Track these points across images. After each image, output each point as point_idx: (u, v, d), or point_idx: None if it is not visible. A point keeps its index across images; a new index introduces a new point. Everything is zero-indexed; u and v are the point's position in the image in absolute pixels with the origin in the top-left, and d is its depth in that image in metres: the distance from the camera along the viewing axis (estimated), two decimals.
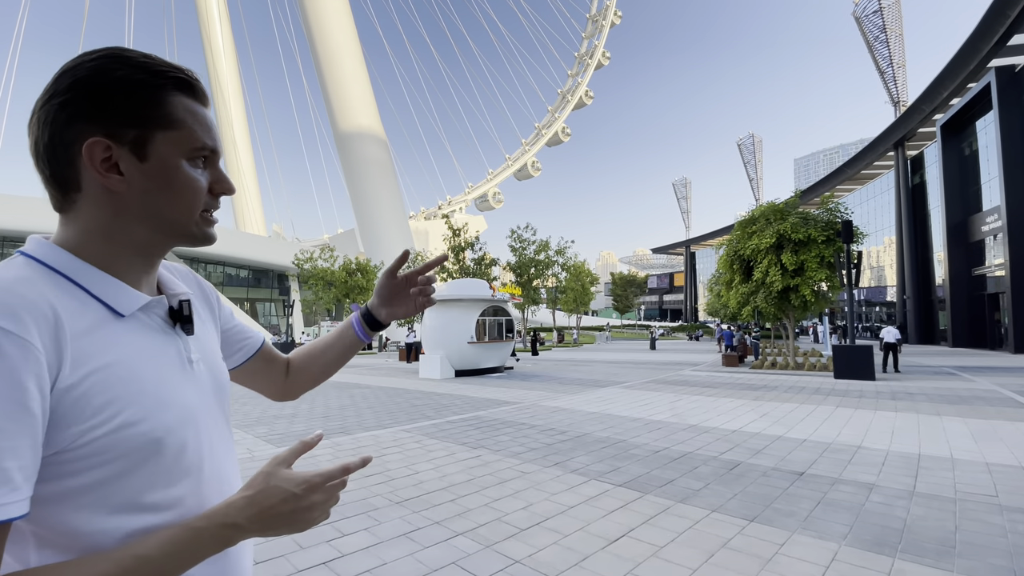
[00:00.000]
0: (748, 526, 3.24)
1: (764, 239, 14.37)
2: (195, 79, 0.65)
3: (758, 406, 8.15)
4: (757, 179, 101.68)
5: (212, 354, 0.72)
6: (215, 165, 0.66)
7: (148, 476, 0.57)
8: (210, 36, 62.81)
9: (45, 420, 0.50)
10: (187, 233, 0.65)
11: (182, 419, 0.60)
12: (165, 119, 0.61)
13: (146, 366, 0.59)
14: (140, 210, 0.60)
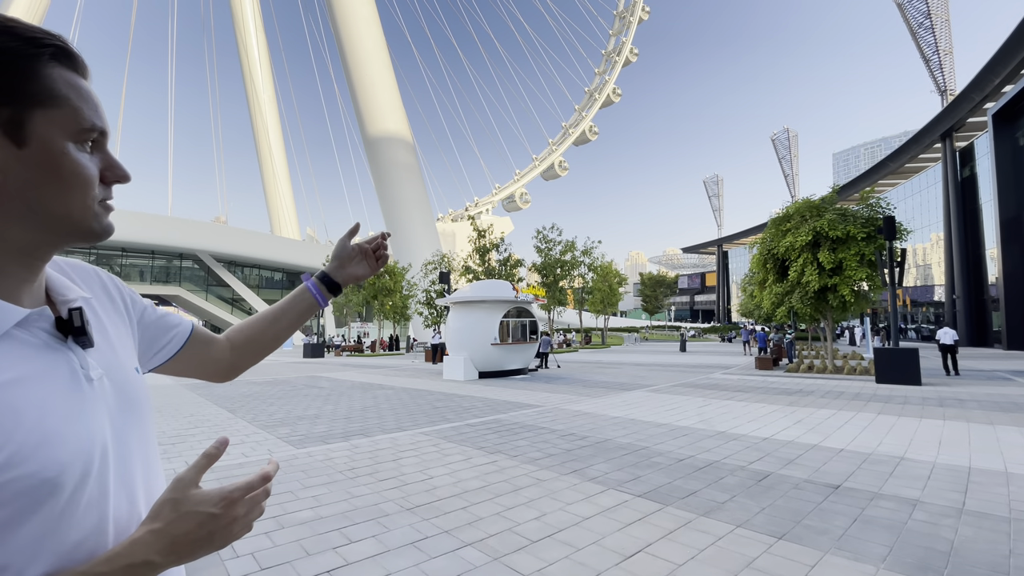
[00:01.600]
0: (776, 544, 3.02)
1: (799, 237, 13.78)
2: (74, 48, 0.55)
3: (792, 412, 7.77)
4: (792, 175, 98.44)
5: (120, 366, 0.62)
6: (104, 149, 0.57)
7: (42, 523, 0.48)
8: (247, 47, 65.00)
9: None
10: (84, 229, 0.55)
11: (81, 451, 0.51)
12: (45, 95, 0.51)
13: (28, 394, 0.49)
14: (21, 206, 0.50)
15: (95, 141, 0.56)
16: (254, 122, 68.68)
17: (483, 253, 30.04)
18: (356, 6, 44.18)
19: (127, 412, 0.60)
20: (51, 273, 0.61)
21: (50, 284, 0.60)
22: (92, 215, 0.55)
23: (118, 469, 0.56)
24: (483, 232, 30.11)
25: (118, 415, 0.58)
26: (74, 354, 0.56)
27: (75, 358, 0.56)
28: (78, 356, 0.56)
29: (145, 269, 46.17)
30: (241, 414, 8.39)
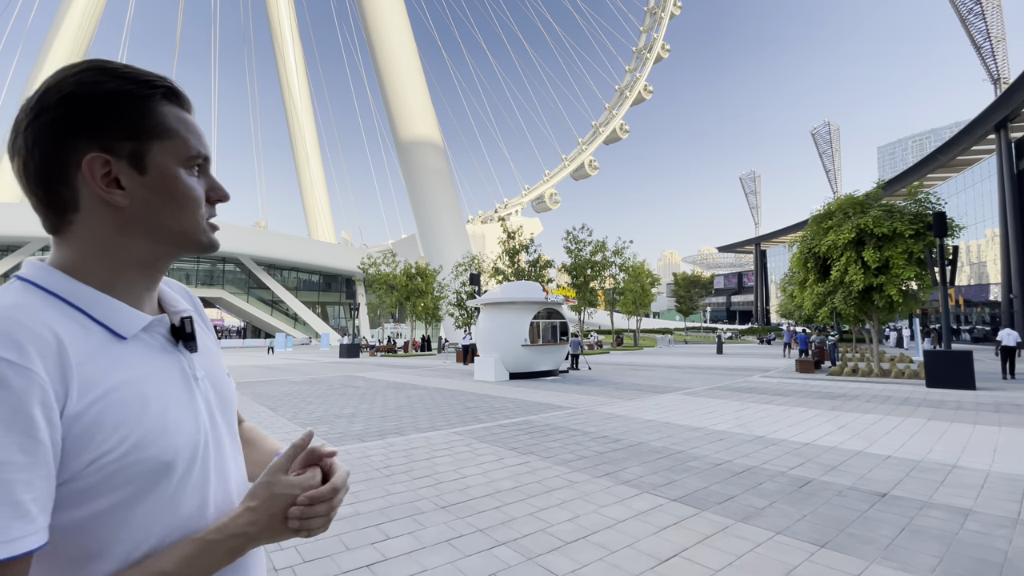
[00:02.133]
0: (818, 552, 2.93)
1: (842, 235, 13.25)
2: (179, 87, 0.64)
3: (835, 417, 7.49)
4: (834, 170, 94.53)
5: (216, 370, 0.71)
6: (208, 172, 0.66)
7: (158, 498, 0.56)
8: (284, 58, 67.28)
9: (56, 450, 0.49)
10: (195, 242, 0.64)
11: (189, 441, 0.59)
12: (159, 129, 0.60)
13: (152, 388, 0.57)
14: (144, 223, 0.60)
15: (200, 166, 0.65)
16: (291, 130, 70.99)
17: (513, 254, 30.12)
18: (388, 15, 45.12)
19: (221, 410, 0.68)
20: (162, 287, 0.70)
21: (162, 296, 0.69)
22: (201, 230, 0.64)
23: (216, 458, 0.64)
24: (512, 234, 30.19)
25: (216, 411, 0.66)
26: (184, 357, 0.65)
27: (185, 360, 0.64)
28: (187, 359, 0.65)
29: (191, 272, 48.33)
30: (282, 412, 8.70)
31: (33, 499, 0.47)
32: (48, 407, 0.48)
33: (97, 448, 0.51)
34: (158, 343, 0.62)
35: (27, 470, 0.46)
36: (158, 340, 0.62)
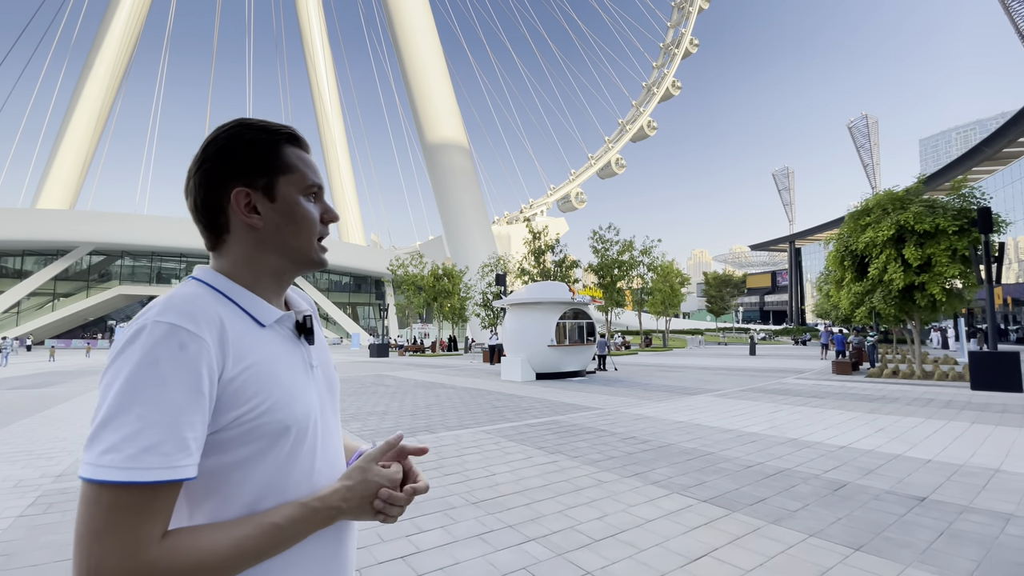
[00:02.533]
0: (852, 555, 2.89)
1: (881, 232, 12.79)
2: (294, 132, 0.82)
3: (873, 420, 7.27)
4: (872, 165, 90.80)
5: (328, 362, 0.87)
6: (322, 198, 0.82)
7: (276, 457, 0.70)
8: (314, 63, 69.00)
9: (212, 404, 0.64)
10: (309, 259, 0.80)
11: (305, 413, 0.73)
12: (284, 166, 0.78)
13: (281, 367, 0.73)
14: (273, 242, 0.77)
15: (315, 193, 0.81)
16: (322, 134, 72.78)
17: (538, 255, 30.13)
18: (414, 19, 45.79)
19: (330, 395, 0.84)
20: (289, 292, 0.87)
21: (289, 299, 0.86)
22: (314, 249, 0.80)
23: (323, 435, 0.77)
24: (538, 234, 30.21)
25: (324, 396, 0.81)
26: (304, 347, 0.80)
27: (304, 350, 0.80)
28: (306, 349, 0.80)
29: None
30: None
31: (193, 438, 0.61)
32: (211, 369, 0.63)
33: (240, 407, 0.66)
34: (286, 334, 0.78)
35: (191, 414, 0.60)
36: (286, 331, 0.78)
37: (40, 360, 27.27)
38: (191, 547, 0.60)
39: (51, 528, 3.48)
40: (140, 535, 0.57)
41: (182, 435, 0.59)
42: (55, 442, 6.34)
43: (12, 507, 3.91)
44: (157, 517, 0.59)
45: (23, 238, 39.36)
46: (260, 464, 0.68)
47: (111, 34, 54.46)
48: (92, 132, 55.41)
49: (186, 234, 43.98)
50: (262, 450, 0.68)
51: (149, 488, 0.57)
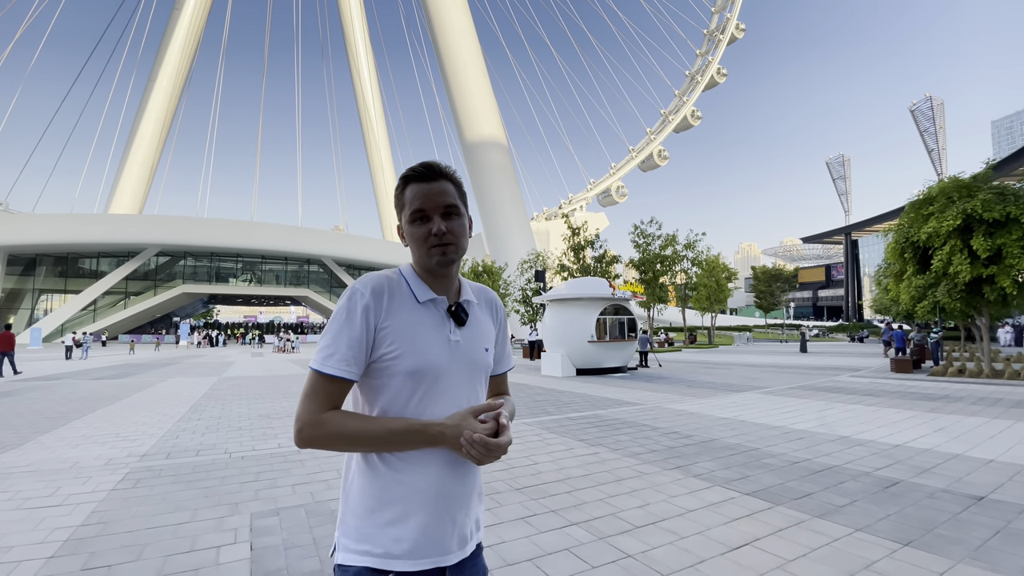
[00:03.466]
0: (900, 550, 2.86)
1: (945, 221, 12.04)
2: (418, 171, 1.08)
3: (933, 419, 6.93)
4: (938, 150, 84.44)
5: (476, 342, 1.12)
6: (432, 218, 1.06)
7: (406, 389, 1.02)
8: (357, 67, 70.96)
9: (370, 338, 1.01)
10: (427, 265, 1.08)
11: (430, 366, 1.02)
12: (401, 204, 1.09)
13: (420, 331, 1.04)
14: (414, 254, 1.09)
15: (421, 218, 1.06)
16: (365, 135, 74.83)
17: (577, 251, 29.95)
18: (453, 20, 46.31)
19: (468, 367, 1.09)
20: (466, 285, 1.17)
21: (464, 290, 1.16)
22: (426, 257, 1.07)
23: (447, 389, 1.05)
24: (577, 230, 30.03)
25: (462, 365, 1.08)
26: (449, 324, 1.09)
27: (448, 326, 1.08)
28: (450, 326, 1.09)
29: (280, 273, 52.50)
30: None
31: (352, 356, 0.99)
32: (367, 316, 1.01)
33: (384, 348, 1.01)
34: (438, 312, 1.08)
35: (352, 340, 0.99)
36: (439, 310, 1.08)
37: (116, 353, 29.59)
38: (339, 420, 0.98)
39: (140, 500, 3.89)
40: (318, 403, 0.98)
41: (343, 352, 0.99)
42: (137, 426, 6.98)
43: (106, 482, 4.38)
44: (327, 395, 0.98)
45: (99, 241, 42.66)
46: (398, 391, 1.02)
47: (172, 49, 58.05)
48: (157, 140, 59.30)
49: (242, 235, 46.43)
50: (399, 382, 1.02)
51: (322, 376, 0.98)
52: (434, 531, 1.00)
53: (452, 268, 1.09)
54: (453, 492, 1.03)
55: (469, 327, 1.11)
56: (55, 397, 10.10)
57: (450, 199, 1.06)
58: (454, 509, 1.03)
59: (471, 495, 1.08)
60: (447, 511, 1.02)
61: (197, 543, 3.07)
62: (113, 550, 2.97)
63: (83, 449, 5.60)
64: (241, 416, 7.79)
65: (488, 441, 0.95)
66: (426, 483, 1.01)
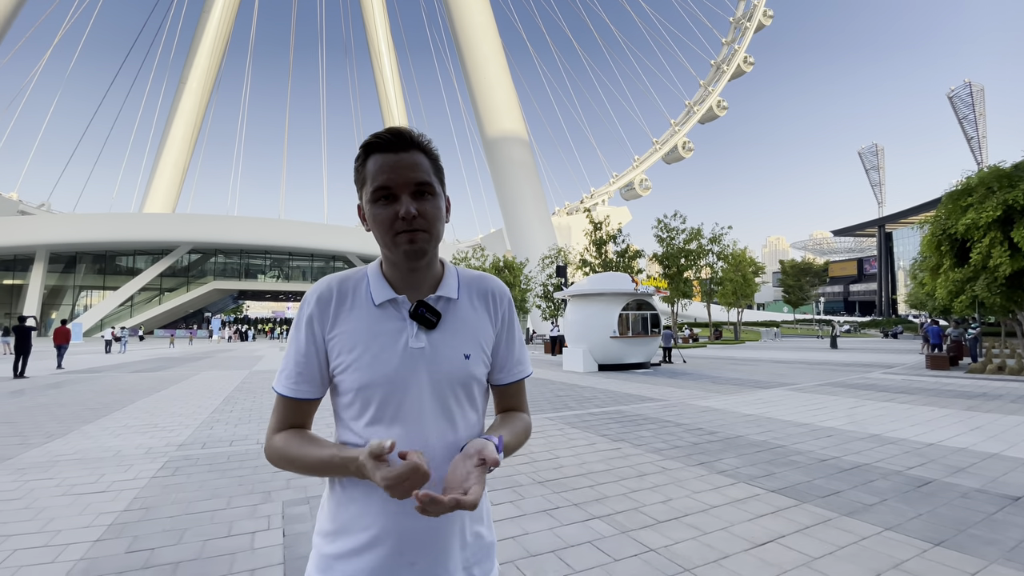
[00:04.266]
0: (931, 550, 2.80)
1: (984, 213, 11.58)
2: (383, 138, 0.86)
3: (970, 417, 6.71)
4: (978, 138, 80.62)
5: (450, 348, 0.91)
6: (399, 198, 0.85)
7: (356, 411, 0.89)
8: (380, 66, 71.65)
9: (321, 351, 0.90)
10: (395, 254, 0.88)
11: (379, 380, 0.86)
12: (362, 179, 0.89)
13: (371, 339, 0.88)
14: (379, 242, 0.90)
15: (384, 196, 0.86)
16: None
17: (599, 245, 29.74)
18: (474, 15, 46.32)
19: (433, 379, 0.89)
20: (449, 278, 0.96)
21: (443, 283, 0.95)
22: (391, 245, 0.87)
23: (412, 409, 0.87)
24: (598, 224, 29.80)
25: (423, 376, 0.88)
26: (410, 328, 0.89)
27: (409, 330, 0.89)
28: (411, 330, 0.89)
29: (307, 269, 53.66)
30: None
31: (298, 372, 0.89)
32: (313, 327, 0.90)
33: (334, 360, 0.89)
34: (398, 314, 0.90)
35: (299, 355, 0.90)
36: (400, 312, 0.90)
37: (154, 348, 30.75)
38: (283, 443, 0.88)
39: (179, 487, 4.08)
40: (273, 422, 0.92)
41: (290, 368, 0.90)
42: (174, 417, 7.27)
43: (146, 469, 4.60)
44: (282, 414, 0.91)
45: (134, 239, 44.36)
46: (349, 411, 0.89)
47: (201, 52, 59.73)
48: (188, 141, 61.19)
49: (270, 232, 47.58)
50: (349, 400, 0.89)
51: (277, 395, 0.91)
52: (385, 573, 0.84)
53: (422, 260, 0.89)
54: (408, 529, 0.84)
55: (442, 330, 0.90)
56: (97, 389, 10.58)
57: (422, 174, 0.86)
58: (411, 552, 0.85)
59: (443, 538, 0.86)
60: (400, 554, 0.84)
61: (233, 528, 3.21)
62: (155, 534, 3.12)
63: (124, 438, 5.87)
64: (272, 408, 8.03)
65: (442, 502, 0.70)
66: (373, 515, 0.85)
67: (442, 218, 0.91)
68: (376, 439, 0.76)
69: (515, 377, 1.01)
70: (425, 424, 0.87)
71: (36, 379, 12.44)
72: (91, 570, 2.64)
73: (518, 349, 1.02)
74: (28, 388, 10.63)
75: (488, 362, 0.97)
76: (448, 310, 0.93)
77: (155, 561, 2.75)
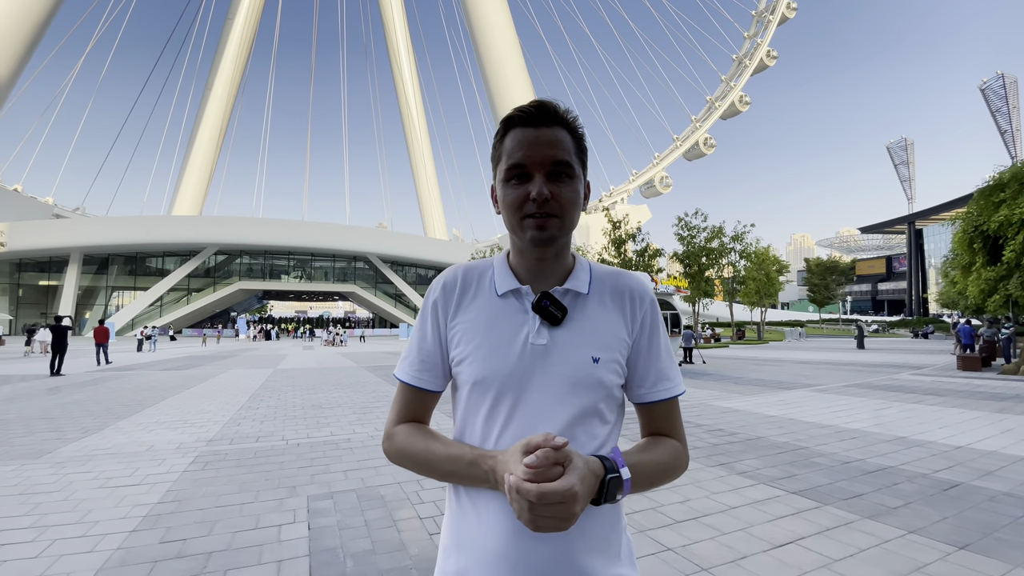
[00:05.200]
0: (955, 553, 2.75)
1: (1018, 208, 11.18)
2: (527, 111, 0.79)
3: (1000, 420, 6.50)
4: (1012, 131, 77.43)
5: (576, 348, 0.81)
6: (531, 177, 0.78)
7: (474, 408, 0.82)
8: (399, 66, 72.41)
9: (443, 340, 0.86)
10: (519, 241, 0.83)
11: (495, 375, 0.79)
12: (497, 156, 0.83)
13: (490, 331, 0.82)
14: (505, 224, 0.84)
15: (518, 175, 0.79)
16: (407, 135, 76.31)
17: (619, 244, 29.53)
18: (491, 14, 46.50)
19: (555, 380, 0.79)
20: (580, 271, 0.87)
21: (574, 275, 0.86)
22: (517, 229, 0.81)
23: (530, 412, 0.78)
24: (618, 223, 29.58)
25: (546, 377, 0.79)
26: (532, 322, 0.81)
27: (531, 324, 0.81)
28: (533, 324, 0.81)
29: (329, 270, 54.52)
30: None
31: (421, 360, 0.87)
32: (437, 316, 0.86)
33: (454, 351, 0.85)
34: (520, 305, 0.83)
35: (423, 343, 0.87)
36: (523, 304, 0.83)
37: (182, 347, 31.66)
38: (404, 437, 0.84)
39: (209, 481, 4.23)
40: (394, 412, 0.89)
41: (414, 355, 0.87)
42: (203, 413, 7.52)
43: (178, 464, 4.78)
44: (404, 404, 0.88)
45: (163, 241, 45.76)
46: (468, 406, 0.82)
47: (226, 58, 61.37)
48: (214, 145, 62.90)
49: (293, 234, 48.55)
50: (466, 395, 0.82)
51: (399, 382, 0.89)
52: None
53: (550, 249, 0.81)
54: (521, 557, 0.74)
55: (568, 327, 0.81)
56: (129, 386, 10.98)
57: (562, 153, 0.78)
58: None
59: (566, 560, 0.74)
60: None
61: (261, 521, 3.33)
62: (187, 525, 3.26)
63: (156, 434, 6.10)
64: (295, 406, 8.24)
65: (523, 487, 0.63)
66: (486, 536, 0.76)
67: (578, 205, 0.81)
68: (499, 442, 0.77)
69: (659, 395, 0.86)
70: (536, 422, 0.78)
71: (72, 376, 12.97)
72: (128, 559, 2.77)
73: (663, 361, 0.87)
74: (64, 385, 11.09)
75: (622, 372, 0.84)
76: (576, 306, 0.83)
77: (188, 551, 2.87)
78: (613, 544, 0.81)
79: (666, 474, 0.83)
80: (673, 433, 0.88)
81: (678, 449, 0.86)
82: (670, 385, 0.86)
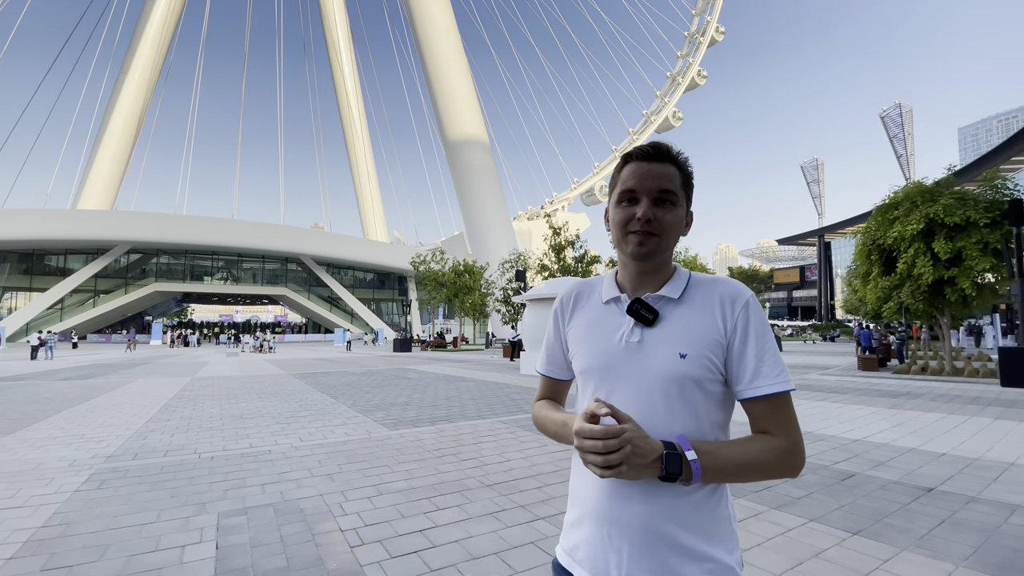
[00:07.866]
0: (849, 539, 2.99)
1: (909, 225, 12.51)
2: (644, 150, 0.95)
3: (892, 415, 7.21)
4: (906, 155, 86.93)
5: (665, 345, 0.90)
6: (638, 201, 0.93)
7: (582, 388, 1.02)
8: (340, 66, 70.11)
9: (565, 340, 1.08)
10: (622, 255, 0.98)
11: (595, 367, 0.96)
12: (613, 184, 0.99)
13: (593, 331, 1.00)
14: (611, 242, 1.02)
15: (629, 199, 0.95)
16: (346, 133, 73.93)
17: (558, 251, 30.15)
18: (435, 18, 46.13)
19: (645, 373, 0.90)
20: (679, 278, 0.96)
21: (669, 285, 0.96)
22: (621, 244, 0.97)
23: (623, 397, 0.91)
24: (558, 230, 30.21)
25: (637, 370, 0.91)
26: (627, 325, 0.95)
27: (626, 326, 0.95)
28: (627, 326, 0.94)
29: (258, 272, 51.59)
30: (342, 400, 9.35)
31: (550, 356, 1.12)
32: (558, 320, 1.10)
33: (570, 349, 1.05)
34: (619, 310, 0.98)
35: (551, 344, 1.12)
36: (620, 308, 0.98)
37: (86, 354, 28.68)
38: (538, 407, 1.12)
39: (104, 501, 3.83)
40: (537, 393, 1.17)
41: (545, 353, 1.13)
42: (104, 427, 6.82)
43: (68, 483, 4.30)
44: (543, 388, 1.16)
45: (65, 237, 41.31)
46: (580, 387, 1.03)
47: (144, 41, 56.45)
48: (131, 135, 57.63)
49: (218, 232, 45.46)
50: (580, 379, 1.03)
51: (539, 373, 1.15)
52: (597, 551, 0.89)
53: (648, 263, 0.93)
54: (613, 514, 0.87)
55: (660, 328, 0.91)
56: (18, 398, 9.79)
57: (668, 183, 0.91)
58: (614, 535, 0.87)
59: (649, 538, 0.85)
60: (605, 535, 0.88)
61: (161, 543, 3.05)
62: (75, 551, 2.93)
63: (46, 450, 5.47)
64: (213, 416, 7.68)
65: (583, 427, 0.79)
66: (588, 492, 0.92)
67: (678, 229, 0.94)
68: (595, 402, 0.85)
69: (756, 392, 0.87)
70: (632, 413, 0.85)
71: None
72: None
73: (761, 359, 0.88)
74: None
75: (714, 368, 0.88)
76: (667, 309, 0.93)
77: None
78: (708, 527, 0.87)
79: (751, 469, 0.86)
80: (777, 431, 0.88)
81: (774, 446, 0.87)
82: (767, 383, 0.87)
